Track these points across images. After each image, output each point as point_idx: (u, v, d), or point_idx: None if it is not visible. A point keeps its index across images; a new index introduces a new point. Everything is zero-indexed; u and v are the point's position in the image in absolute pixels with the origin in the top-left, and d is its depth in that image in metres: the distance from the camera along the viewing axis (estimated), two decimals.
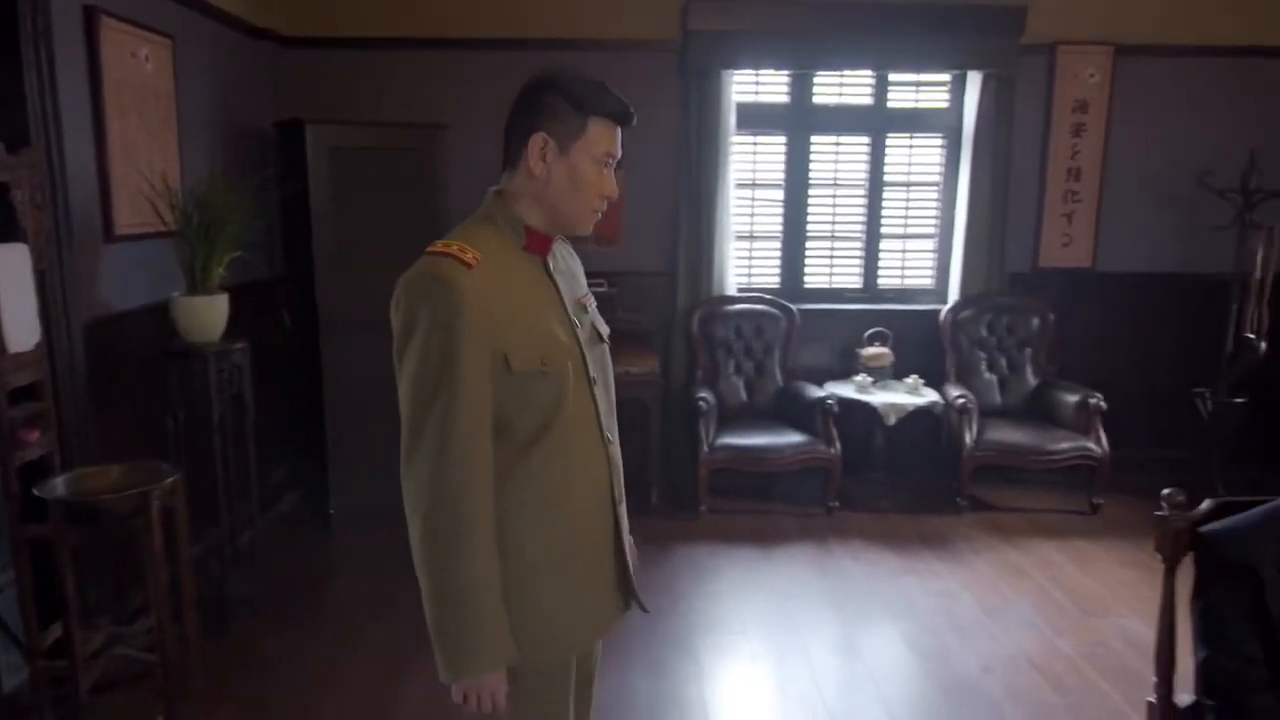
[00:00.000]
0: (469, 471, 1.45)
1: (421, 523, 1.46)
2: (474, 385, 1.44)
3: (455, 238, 1.52)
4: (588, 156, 1.52)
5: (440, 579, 1.47)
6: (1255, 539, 1.68)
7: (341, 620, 3.49)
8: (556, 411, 1.53)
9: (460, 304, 1.43)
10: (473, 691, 1.50)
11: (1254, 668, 1.63)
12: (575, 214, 1.56)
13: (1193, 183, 4.78)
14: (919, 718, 2.89)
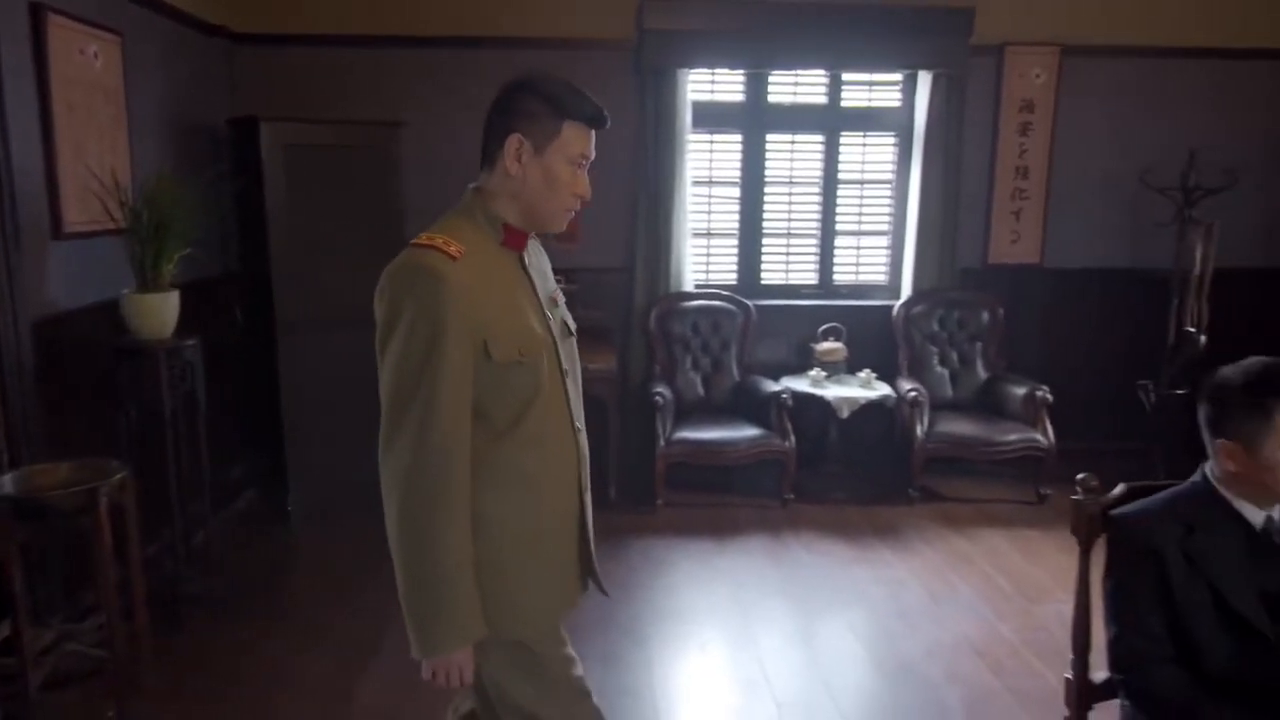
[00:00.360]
0: (449, 458, 1.50)
1: (399, 505, 1.52)
2: (457, 374, 1.50)
3: (438, 231, 1.56)
4: (562, 158, 1.59)
5: (416, 560, 1.52)
6: (1159, 521, 1.76)
7: (297, 616, 3.50)
8: (532, 401, 1.60)
9: (446, 295, 1.48)
10: (441, 668, 1.56)
11: (1158, 644, 1.71)
12: (550, 212, 1.63)
13: (1136, 181, 4.91)
14: (861, 701, 2.96)
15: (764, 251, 5.31)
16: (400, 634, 3.28)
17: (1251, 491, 1.72)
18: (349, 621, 3.41)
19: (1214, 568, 1.69)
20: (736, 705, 2.93)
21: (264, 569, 3.91)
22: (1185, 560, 1.70)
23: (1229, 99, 5.07)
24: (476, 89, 4.70)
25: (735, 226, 5.27)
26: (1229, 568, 1.69)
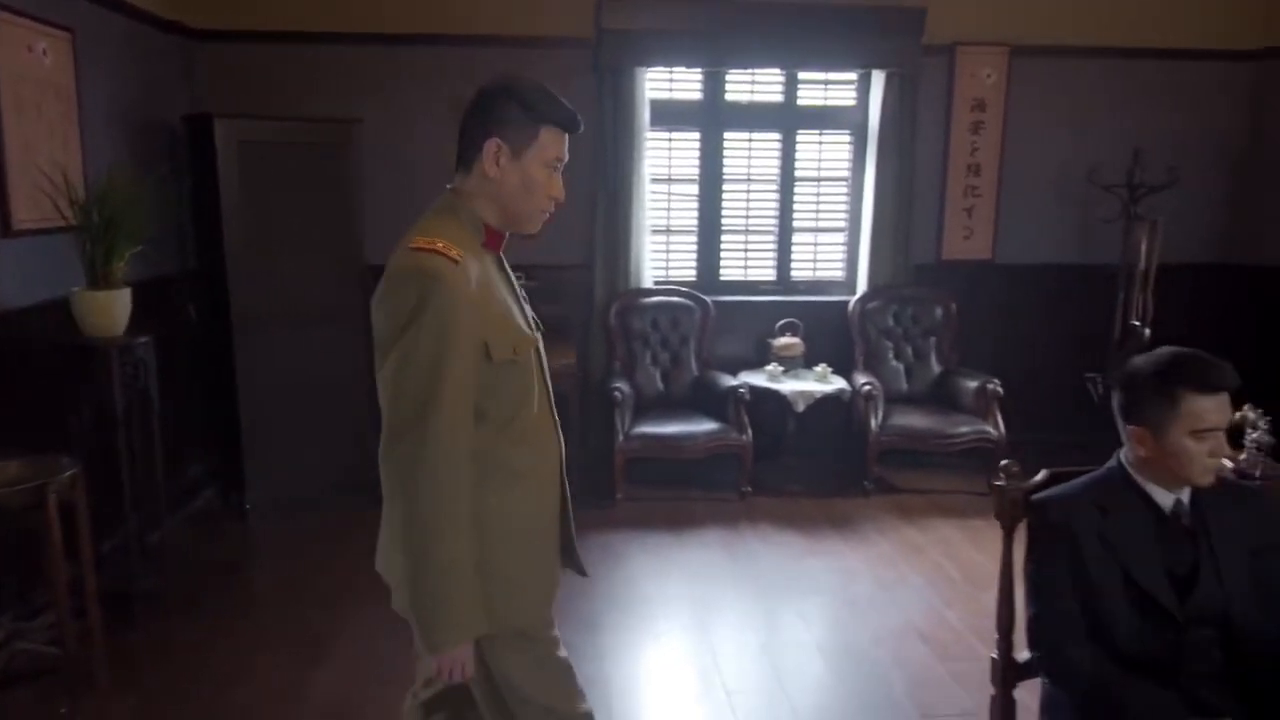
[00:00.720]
0: (454, 459, 1.53)
1: (406, 506, 1.54)
2: (462, 376, 1.53)
3: (433, 234, 1.57)
4: (539, 161, 1.63)
5: (422, 560, 1.55)
6: (1075, 505, 1.84)
7: (254, 613, 3.51)
8: (524, 398, 1.67)
9: (453, 299, 1.51)
10: (447, 664, 1.60)
11: (1073, 623, 1.78)
12: (526, 214, 1.68)
13: (1084, 178, 5.03)
14: (809, 686, 3.03)
15: (723, 248, 5.38)
16: (357, 628, 3.34)
17: (1161, 476, 1.80)
18: (305, 617, 3.42)
19: (1125, 549, 1.77)
20: (688, 692, 2.99)
21: (220, 566, 3.91)
22: (1099, 542, 1.78)
23: (1172, 99, 5.20)
24: (436, 87, 4.84)
25: (694, 223, 5.33)
26: (1139, 549, 1.77)
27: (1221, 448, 1.75)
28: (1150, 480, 1.81)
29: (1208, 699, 1.72)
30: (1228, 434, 1.78)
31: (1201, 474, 1.75)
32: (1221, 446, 1.75)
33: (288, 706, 2.86)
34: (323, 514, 4.39)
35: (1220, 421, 1.74)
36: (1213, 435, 1.73)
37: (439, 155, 4.88)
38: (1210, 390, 1.73)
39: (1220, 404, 1.74)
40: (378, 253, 4.75)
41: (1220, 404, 1.74)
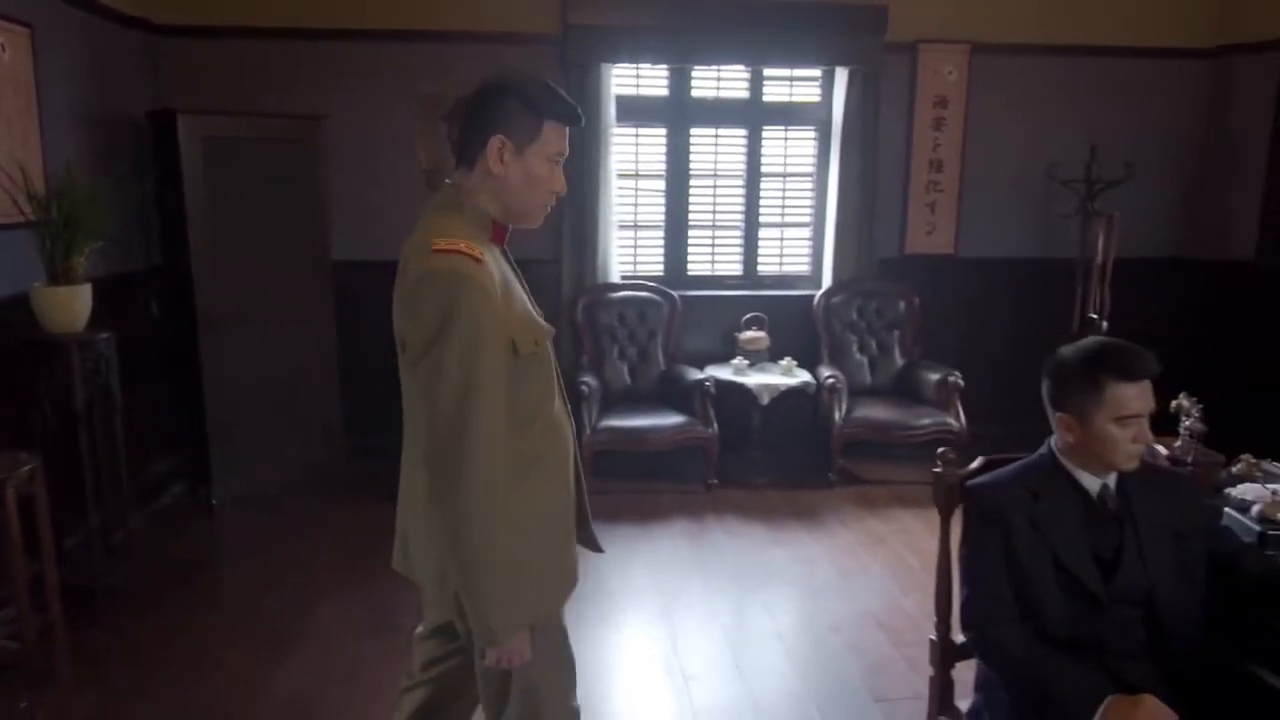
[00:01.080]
0: (498, 458, 1.55)
1: (454, 507, 1.53)
2: (498, 375, 1.55)
3: (451, 234, 1.57)
4: (542, 157, 1.64)
5: (478, 558, 1.55)
6: (1007, 490, 1.90)
7: (218, 607, 3.53)
8: (548, 389, 1.70)
9: (481, 299, 1.52)
10: (506, 653, 1.62)
11: (1004, 604, 1.84)
12: (529, 209, 1.69)
13: (1043, 174, 5.12)
14: (766, 673, 3.09)
15: (690, 243, 5.43)
16: (320, 624, 3.36)
17: (1088, 461, 1.86)
18: (269, 613, 3.44)
19: (1054, 533, 1.83)
20: (647, 679, 3.04)
21: (185, 562, 3.91)
22: (1029, 526, 1.84)
23: (1129, 96, 5.30)
24: (402, 83, 4.86)
25: (661, 219, 5.37)
26: (1067, 533, 1.83)
27: (1144, 434, 1.81)
28: (1078, 466, 1.88)
29: (1131, 676, 1.78)
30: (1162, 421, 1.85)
31: (1125, 459, 1.81)
32: (1144, 433, 1.81)
33: (249, 701, 2.88)
34: (290, 510, 4.41)
35: (1143, 408, 1.80)
36: (1135, 421, 1.79)
37: (406, 151, 4.97)
38: (1133, 378, 1.79)
39: (1143, 391, 1.80)
40: (345, 249, 4.80)
41: (1143, 391, 1.80)
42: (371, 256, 4.88)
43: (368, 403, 4.87)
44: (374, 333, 4.78)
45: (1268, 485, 2.16)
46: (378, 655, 3.15)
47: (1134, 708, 1.66)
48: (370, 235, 4.88)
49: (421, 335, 1.53)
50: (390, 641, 3.24)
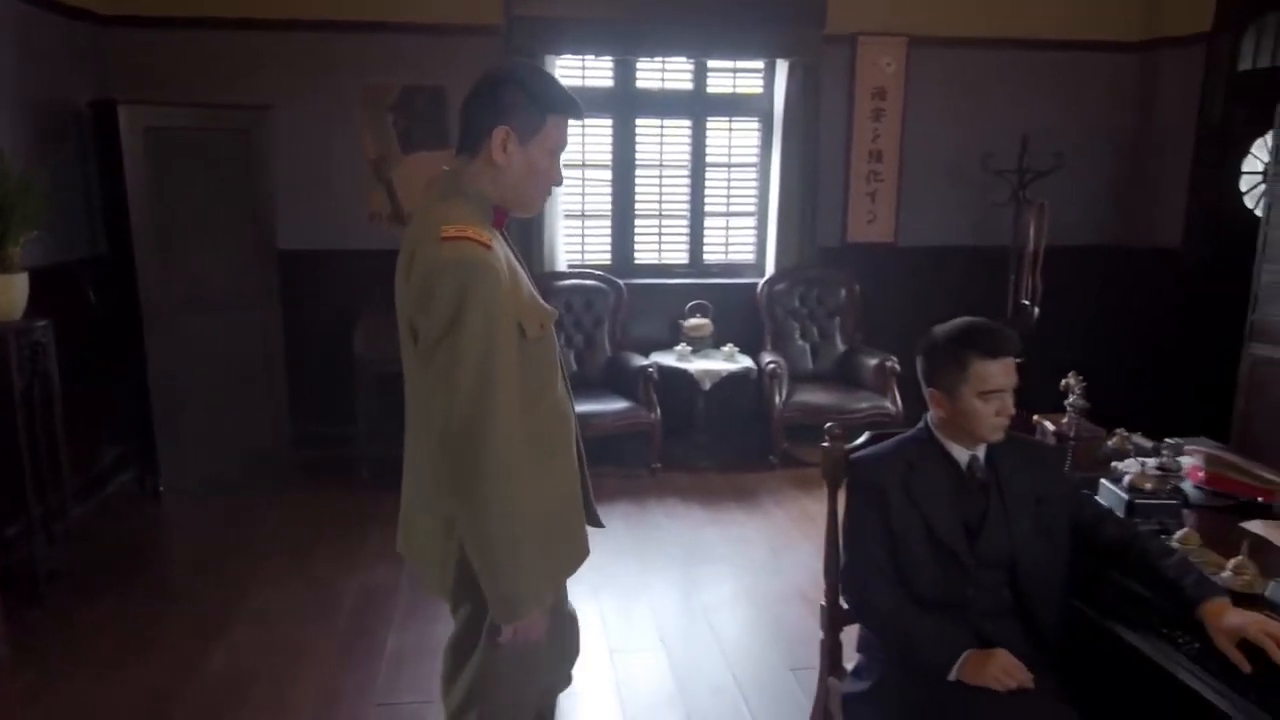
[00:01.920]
0: (515, 441, 1.58)
1: (479, 490, 1.56)
2: (510, 359, 1.58)
3: (460, 220, 1.59)
4: (544, 148, 1.67)
5: (497, 539, 1.59)
6: (884, 462, 2.02)
7: (158, 591, 3.59)
8: (553, 371, 1.74)
9: (492, 285, 1.54)
10: (523, 630, 1.67)
11: (880, 570, 1.96)
12: (528, 198, 1.73)
13: (978, 164, 5.25)
14: (688, 645, 3.21)
15: (637, 232, 5.52)
16: (259, 606, 3.44)
17: (958, 435, 1.98)
18: (210, 594, 3.51)
19: (926, 501, 1.95)
20: None
21: (129, 548, 3.97)
22: (904, 495, 1.96)
23: (1061, 88, 5.45)
24: (348, 73, 4.91)
25: (608, 208, 5.46)
26: (938, 502, 1.95)
27: (1007, 408, 1.93)
28: (950, 439, 2.00)
29: (996, 635, 1.90)
30: (1022, 396, 1.97)
31: (990, 431, 1.94)
32: (1007, 406, 1.93)
33: (184, 677, 2.95)
34: (236, 497, 4.47)
35: (1005, 384, 1.92)
36: (998, 396, 1.92)
37: (350, 140, 5.02)
38: (995, 355, 1.91)
39: (1005, 368, 1.93)
40: (291, 238, 4.85)
41: (1005, 368, 1.93)
42: (318, 246, 4.95)
43: (314, 391, 4.97)
44: (320, 321, 4.95)
45: (1137, 458, 2.30)
46: (314, 636, 3.23)
47: (987, 660, 1.79)
48: (317, 225, 4.93)
49: (436, 323, 1.55)
50: (328, 623, 3.33)
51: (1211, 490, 2.36)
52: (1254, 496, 2.32)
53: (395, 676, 2.98)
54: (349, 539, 4.01)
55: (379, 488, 4.52)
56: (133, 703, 2.81)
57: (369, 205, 5.02)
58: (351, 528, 4.12)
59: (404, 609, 3.43)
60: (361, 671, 3.00)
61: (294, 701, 2.83)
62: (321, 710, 2.79)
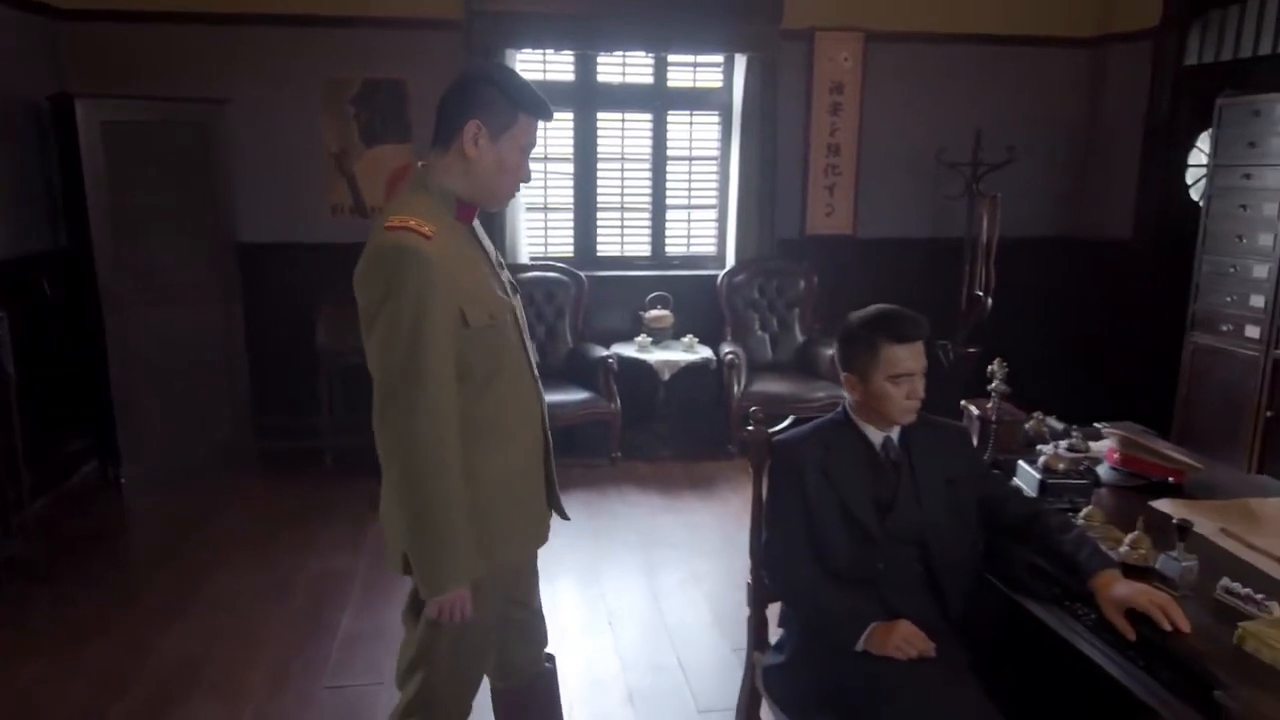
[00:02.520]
0: (442, 419, 1.65)
1: (402, 466, 1.66)
2: (442, 343, 1.64)
3: (404, 211, 1.68)
4: (514, 146, 1.75)
5: (420, 512, 1.68)
6: (803, 444, 2.10)
7: (117, 577, 3.63)
8: (503, 358, 1.79)
9: (427, 272, 1.62)
10: (446, 606, 1.72)
11: (797, 546, 2.04)
12: (497, 192, 1.80)
13: (934, 157, 5.35)
14: (636, 628, 3.29)
15: (599, 225, 5.58)
16: (214, 592, 3.50)
17: (872, 417, 2.07)
18: (167, 581, 3.57)
19: (841, 481, 2.03)
20: None
21: (89, 536, 4.01)
22: (820, 475, 2.04)
23: (1016, 83, 5.55)
24: (307, 67, 4.94)
25: (570, 201, 5.52)
26: (852, 481, 2.03)
27: (916, 390, 2.02)
28: (865, 421, 2.08)
29: (906, 608, 1.98)
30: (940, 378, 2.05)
31: (901, 413, 2.02)
32: (916, 389, 2.02)
33: (137, 661, 3.01)
34: (196, 487, 4.51)
35: (914, 367, 2.01)
36: (908, 379, 2.00)
37: (311, 134, 5.05)
38: (903, 340, 2.00)
39: (914, 352, 2.01)
40: (252, 231, 4.89)
41: (914, 352, 2.01)
42: (279, 238, 4.98)
43: (276, 382, 5.01)
44: (282, 313, 4.98)
45: (1052, 439, 2.39)
46: (268, 620, 3.29)
47: (890, 631, 1.88)
48: (277, 218, 4.96)
49: (370, 305, 1.65)
50: (282, 608, 3.39)
51: (1126, 471, 2.46)
52: (1165, 477, 2.41)
53: (346, 659, 3.05)
54: (308, 527, 4.07)
55: (341, 477, 4.58)
56: (85, 686, 2.86)
57: (330, 198, 5.06)
58: (312, 516, 4.17)
59: (359, 594, 3.50)
60: (313, 654, 3.07)
61: (245, 683, 2.89)
62: (271, 692, 2.86)
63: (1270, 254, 3.99)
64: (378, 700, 2.80)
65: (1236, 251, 4.17)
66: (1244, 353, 4.13)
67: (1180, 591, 1.81)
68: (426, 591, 1.73)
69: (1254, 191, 4.08)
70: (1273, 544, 2.04)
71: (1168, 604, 1.70)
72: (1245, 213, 4.13)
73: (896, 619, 1.93)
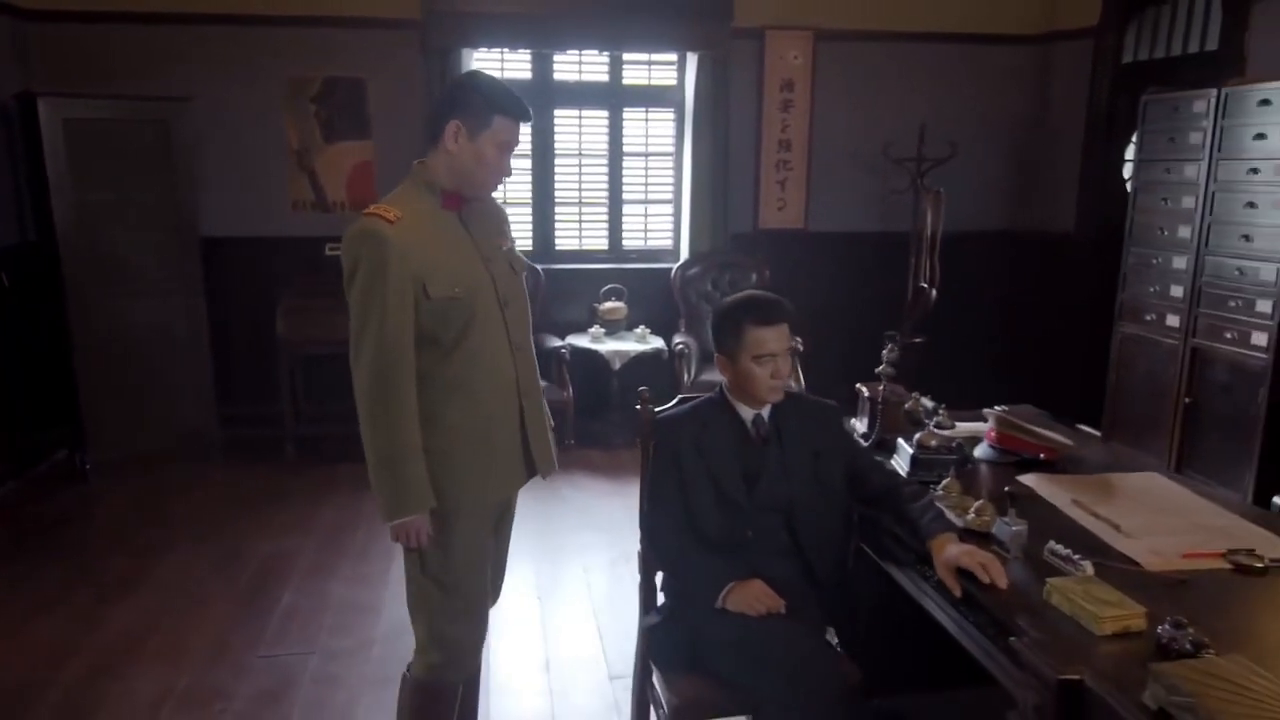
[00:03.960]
0: (395, 369, 1.93)
1: (365, 407, 1.94)
2: (396, 308, 1.91)
3: (384, 201, 1.98)
4: (491, 143, 1.97)
5: (376, 446, 1.95)
6: (681, 421, 2.26)
7: (74, 557, 3.79)
8: (467, 327, 2.00)
9: (383, 250, 1.89)
10: (403, 530, 1.99)
11: (672, 517, 2.20)
12: (478, 184, 2.03)
13: (881, 153, 5.49)
14: (561, 601, 3.47)
15: (557, 219, 5.74)
16: (164, 572, 3.67)
17: (744, 395, 2.22)
18: (122, 560, 3.73)
19: (713, 456, 2.19)
20: None
21: (52, 519, 4.16)
22: (695, 450, 2.20)
23: (959, 79, 5.69)
24: (269, 65, 5.09)
25: (529, 196, 5.67)
26: (724, 455, 2.19)
27: (780, 370, 2.17)
28: (738, 400, 2.24)
29: (773, 572, 2.13)
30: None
31: (767, 392, 2.17)
32: (779, 369, 2.17)
33: (86, 633, 3.17)
34: (160, 472, 4.67)
35: (777, 348, 2.16)
36: (770, 360, 2.15)
37: (273, 131, 5.20)
38: (767, 322, 2.15)
39: (778, 334, 2.16)
40: (214, 224, 5.04)
41: (778, 334, 2.16)
42: (241, 232, 5.14)
43: (239, 372, 5.17)
44: (244, 305, 5.14)
45: (925, 418, 2.54)
46: (214, 596, 3.46)
47: (745, 589, 2.04)
48: (240, 212, 5.12)
49: (344, 278, 1.94)
50: (229, 584, 3.55)
51: (1002, 449, 2.61)
52: (1036, 454, 2.57)
53: (283, 631, 3.21)
54: (264, 511, 4.23)
55: (300, 465, 4.74)
56: (33, 656, 3.02)
57: (292, 193, 5.22)
58: (269, 501, 4.33)
59: (303, 572, 3.66)
60: (253, 626, 3.23)
61: (186, 651, 3.06)
62: (209, 659, 3.02)
63: (1189, 246, 4.13)
64: (306, 667, 2.97)
65: (1159, 244, 4.32)
66: (1166, 341, 4.28)
67: (1012, 553, 1.97)
68: (383, 516, 1.99)
69: (1174, 185, 4.22)
70: (1115, 513, 2.19)
71: (989, 562, 1.85)
72: (1166, 206, 4.27)
73: (769, 583, 2.09)
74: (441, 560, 2.08)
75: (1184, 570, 1.91)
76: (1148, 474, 2.51)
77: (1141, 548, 2.01)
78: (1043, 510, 2.23)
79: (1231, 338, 3.93)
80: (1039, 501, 2.30)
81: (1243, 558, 1.93)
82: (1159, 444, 4.32)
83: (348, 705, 2.78)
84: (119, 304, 4.64)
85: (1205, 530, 2.11)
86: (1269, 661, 1.50)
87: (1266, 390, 3.76)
